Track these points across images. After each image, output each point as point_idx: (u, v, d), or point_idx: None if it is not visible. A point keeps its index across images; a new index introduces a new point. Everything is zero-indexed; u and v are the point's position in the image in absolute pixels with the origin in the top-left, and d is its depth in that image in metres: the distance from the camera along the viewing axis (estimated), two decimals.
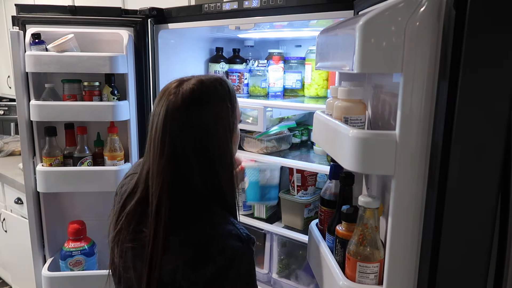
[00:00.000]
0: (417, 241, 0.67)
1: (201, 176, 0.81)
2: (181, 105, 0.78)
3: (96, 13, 1.53)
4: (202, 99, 0.80)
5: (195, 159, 0.80)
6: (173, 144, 0.78)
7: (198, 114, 0.79)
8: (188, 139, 0.79)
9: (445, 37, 0.59)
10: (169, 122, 0.78)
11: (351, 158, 0.68)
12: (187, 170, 0.80)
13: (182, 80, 0.83)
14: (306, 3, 1.17)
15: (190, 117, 0.79)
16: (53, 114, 1.47)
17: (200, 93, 0.80)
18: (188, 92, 0.79)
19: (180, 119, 0.78)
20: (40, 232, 1.62)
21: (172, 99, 0.79)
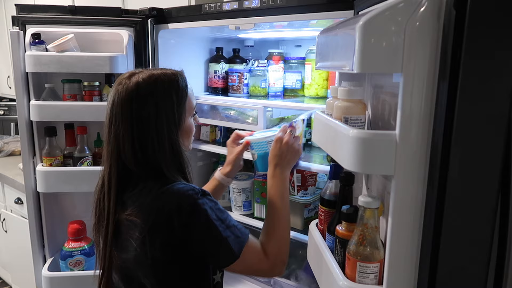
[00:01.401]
0: (417, 241, 0.67)
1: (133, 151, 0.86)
2: (124, 96, 0.85)
3: (96, 13, 1.53)
4: (146, 92, 0.85)
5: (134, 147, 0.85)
6: (117, 133, 0.85)
7: (138, 106, 0.85)
8: (128, 129, 0.85)
9: (445, 37, 0.59)
10: (114, 112, 0.86)
11: (351, 158, 0.68)
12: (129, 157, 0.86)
13: (134, 72, 0.89)
14: (306, 3, 1.17)
15: (132, 108, 0.85)
16: (53, 114, 1.47)
17: (144, 86, 0.85)
18: (133, 85, 0.85)
19: (123, 110, 0.85)
20: (40, 232, 1.62)
21: (119, 90, 0.86)
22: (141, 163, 0.86)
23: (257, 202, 1.58)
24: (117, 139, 0.86)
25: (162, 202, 0.82)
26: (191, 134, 0.96)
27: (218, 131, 1.72)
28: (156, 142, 0.85)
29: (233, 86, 1.67)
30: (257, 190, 1.57)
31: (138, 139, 0.85)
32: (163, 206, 0.81)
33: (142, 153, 0.86)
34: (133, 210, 0.84)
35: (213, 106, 1.63)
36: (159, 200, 0.82)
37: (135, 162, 0.86)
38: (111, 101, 0.87)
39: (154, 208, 0.82)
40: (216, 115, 1.56)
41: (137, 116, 0.84)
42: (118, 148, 0.86)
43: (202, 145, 1.68)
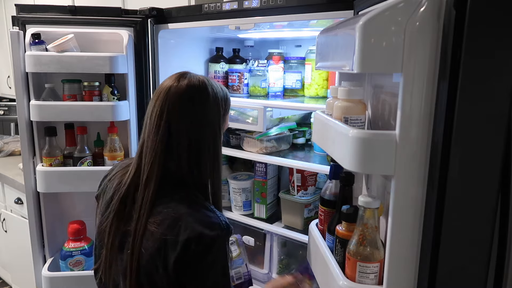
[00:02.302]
0: (417, 241, 0.67)
1: (189, 165, 0.86)
2: (184, 91, 0.84)
3: (96, 13, 1.53)
4: (208, 92, 0.86)
5: (187, 146, 0.85)
6: (169, 126, 0.84)
7: (200, 103, 0.85)
8: (186, 123, 0.84)
9: (445, 37, 0.59)
10: (168, 104, 0.83)
11: (351, 158, 0.68)
12: (177, 156, 0.85)
13: (187, 73, 0.89)
14: (306, 3, 1.17)
15: (191, 105, 0.85)
16: (53, 114, 1.47)
17: (205, 87, 0.87)
18: (195, 82, 0.86)
19: (180, 104, 0.84)
20: (40, 232, 1.62)
21: (175, 84, 0.85)
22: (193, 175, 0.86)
23: (257, 202, 1.58)
24: (169, 132, 0.84)
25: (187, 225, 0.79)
26: None
27: None
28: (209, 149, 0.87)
29: (233, 86, 1.67)
30: (257, 190, 1.57)
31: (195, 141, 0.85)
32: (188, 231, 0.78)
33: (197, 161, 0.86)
34: (156, 219, 0.81)
35: None
36: (176, 221, 0.80)
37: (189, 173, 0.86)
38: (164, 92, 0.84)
39: (176, 226, 0.79)
40: None
41: (195, 114, 0.85)
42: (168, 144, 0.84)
43: None
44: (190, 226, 0.78)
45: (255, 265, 1.62)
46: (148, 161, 0.84)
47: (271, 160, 1.44)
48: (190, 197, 0.85)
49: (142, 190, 0.83)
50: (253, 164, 1.61)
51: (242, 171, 1.74)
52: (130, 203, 0.85)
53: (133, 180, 0.86)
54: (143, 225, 0.81)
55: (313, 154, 1.53)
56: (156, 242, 0.80)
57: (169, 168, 0.86)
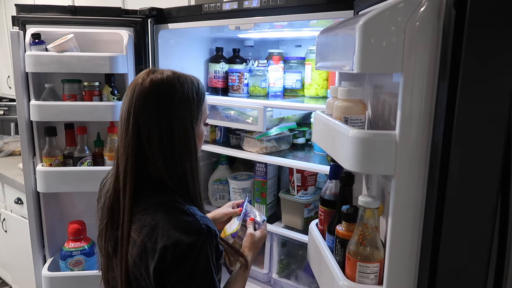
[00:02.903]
0: (417, 241, 0.67)
1: (164, 164, 0.84)
2: (147, 88, 0.83)
3: (96, 13, 1.53)
4: (169, 86, 0.84)
5: (158, 145, 0.83)
6: (138, 125, 0.82)
7: (164, 97, 0.83)
8: (153, 122, 0.82)
9: (445, 37, 0.59)
10: (135, 102, 0.82)
11: (351, 158, 0.68)
12: (150, 155, 0.83)
13: (155, 69, 0.87)
14: (306, 3, 1.17)
15: (156, 99, 0.83)
16: (53, 114, 1.47)
17: (169, 81, 0.84)
18: (158, 79, 0.84)
19: (145, 103, 0.82)
20: (40, 232, 1.62)
21: (140, 82, 0.84)
22: (170, 174, 0.84)
23: (257, 202, 1.58)
24: (138, 131, 0.82)
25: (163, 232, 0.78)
26: (201, 142, 0.94)
27: (218, 131, 1.72)
28: (182, 144, 0.84)
29: (233, 86, 1.67)
30: (257, 190, 1.57)
31: (166, 137, 0.83)
32: (164, 237, 0.77)
33: (172, 159, 0.84)
34: (137, 226, 0.81)
35: (213, 106, 1.63)
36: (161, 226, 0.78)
37: (166, 172, 0.84)
38: (130, 93, 0.84)
39: (153, 234, 0.78)
40: (216, 115, 1.56)
41: (161, 109, 0.83)
42: (139, 143, 0.83)
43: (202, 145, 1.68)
44: (167, 233, 0.76)
45: (255, 265, 1.62)
46: (122, 168, 0.83)
47: (271, 160, 1.44)
48: (169, 202, 0.83)
49: (121, 197, 0.83)
50: (253, 164, 1.61)
51: (242, 171, 1.74)
52: (117, 210, 0.84)
53: (115, 188, 0.85)
54: (127, 232, 0.80)
55: (313, 154, 1.53)
56: (138, 249, 0.79)
57: (148, 171, 0.85)
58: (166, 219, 0.79)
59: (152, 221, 0.79)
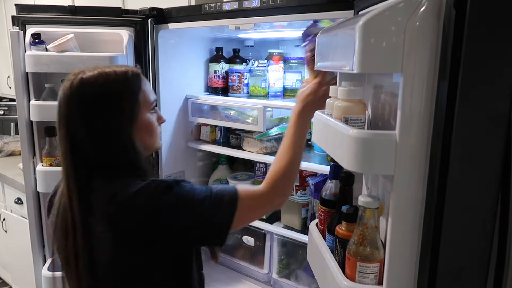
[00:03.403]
0: (417, 241, 0.67)
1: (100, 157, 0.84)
2: (69, 93, 0.83)
3: (96, 13, 1.53)
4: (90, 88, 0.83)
5: (90, 142, 0.83)
6: (67, 130, 0.83)
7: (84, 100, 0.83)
8: (81, 128, 0.82)
9: (445, 37, 0.59)
10: (62, 109, 0.83)
11: (351, 158, 0.68)
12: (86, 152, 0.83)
13: (82, 70, 0.86)
14: (306, 3, 1.17)
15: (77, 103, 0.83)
16: (53, 114, 1.43)
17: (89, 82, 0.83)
18: (78, 81, 0.83)
19: (69, 106, 0.83)
20: (40, 232, 1.62)
21: (67, 86, 0.84)
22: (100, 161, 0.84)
23: None
24: (70, 138, 0.82)
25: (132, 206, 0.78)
26: (152, 131, 0.91)
27: (218, 131, 1.72)
28: (114, 136, 0.83)
29: (233, 86, 1.67)
30: None
31: (91, 135, 0.83)
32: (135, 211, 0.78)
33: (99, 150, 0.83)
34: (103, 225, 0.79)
35: (213, 106, 1.63)
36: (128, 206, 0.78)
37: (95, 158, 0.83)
38: (58, 99, 0.85)
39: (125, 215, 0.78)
40: (216, 115, 1.56)
41: (85, 112, 0.82)
42: (72, 148, 0.82)
43: (202, 145, 1.69)
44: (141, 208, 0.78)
45: (255, 265, 1.62)
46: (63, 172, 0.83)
47: (271, 160, 1.44)
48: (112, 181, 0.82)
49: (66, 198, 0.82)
50: (253, 164, 1.61)
51: (242, 171, 1.74)
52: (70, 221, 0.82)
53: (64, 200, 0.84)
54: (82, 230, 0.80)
55: (313, 154, 1.53)
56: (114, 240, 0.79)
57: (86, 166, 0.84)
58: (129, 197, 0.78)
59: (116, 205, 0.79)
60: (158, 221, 0.78)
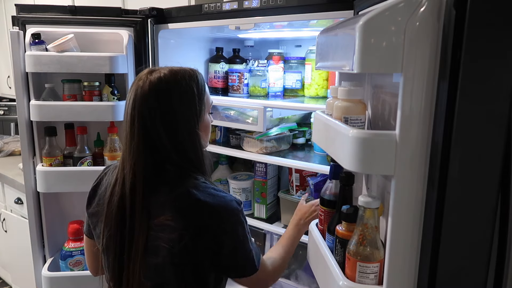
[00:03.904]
0: (417, 241, 0.67)
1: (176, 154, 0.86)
2: (147, 90, 0.85)
3: (96, 13, 1.53)
4: (168, 84, 0.86)
5: (166, 137, 0.85)
6: (144, 126, 0.84)
7: (163, 98, 0.85)
8: (157, 120, 0.84)
9: (445, 37, 0.59)
10: (137, 106, 0.85)
11: (351, 158, 0.68)
12: (162, 148, 0.85)
13: (154, 69, 0.89)
14: (306, 3, 1.17)
15: (157, 99, 0.85)
16: (53, 114, 1.47)
17: (167, 79, 0.86)
18: (156, 79, 0.86)
19: (147, 102, 0.84)
20: (40, 232, 1.63)
21: (140, 85, 0.86)
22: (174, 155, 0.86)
23: (257, 202, 1.58)
24: (145, 132, 0.84)
25: (207, 209, 0.83)
26: (209, 131, 0.97)
27: (218, 131, 1.72)
28: (186, 133, 0.87)
29: (233, 86, 1.67)
30: (257, 190, 1.57)
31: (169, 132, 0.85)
32: (209, 214, 0.83)
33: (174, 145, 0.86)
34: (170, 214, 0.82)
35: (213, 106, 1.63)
36: (203, 206, 0.83)
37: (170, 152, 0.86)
38: (132, 96, 0.86)
39: (197, 213, 0.82)
40: (216, 115, 1.56)
41: (164, 108, 0.85)
42: (145, 143, 0.85)
43: None
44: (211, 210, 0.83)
45: None
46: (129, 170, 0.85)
47: (271, 160, 1.44)
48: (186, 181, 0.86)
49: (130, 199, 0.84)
50: (253, 164, 1.61)
51: (242, 171, 1.74)
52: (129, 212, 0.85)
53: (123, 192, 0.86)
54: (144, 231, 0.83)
55: (313, 154, 1.53)
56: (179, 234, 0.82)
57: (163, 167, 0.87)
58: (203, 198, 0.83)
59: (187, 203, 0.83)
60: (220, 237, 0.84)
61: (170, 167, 0.87)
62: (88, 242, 1.05)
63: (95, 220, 0.95)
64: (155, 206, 0.84)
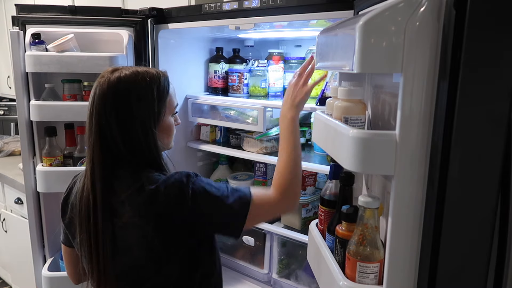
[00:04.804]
0: (417, 241, 0.67)
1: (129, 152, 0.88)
2: (105, 88, 0.86)
3: (96, 13, 1.53)
4: (127, 85, 0.87)
5: (119, 136, 0.87)
6: (99, 123, 0.87)
7: (120, 96, 0.87)
8: (112, 118, 0.86)
9: (445, 37, 0.59)
10: (95, 103, 0.87)
11: (351, 158, 0.68)
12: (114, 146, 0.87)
13: (117, 68, 0.90)
14: (306, 3, 1.17)
15: (114, 98, 0.86)
16: (53, 114, 1.47)
17: (126, 79, 0.87)
18: (116, 78, 0.87)
19: (104, 101, 0.86)
20: (40, 232, 1.62)
21: (101, 82, 0.88)
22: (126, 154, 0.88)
23: None
24: (100, 130, 0.87)
25: (162, 194, 0.83)
26: (170, 133, 0.97)
27: (218, 131, 1.72)
28: (140, 133, 0.87)
29: (233, 86, 1.67)
30: None
31: (122, 131, 0.87)
32: (165, 198, 0.83)
33: (127, 144, 0.87)
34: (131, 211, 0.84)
35: (213, 106, 1.63)
36: (159, 194, 0.83)
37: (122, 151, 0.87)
38: (92, 93, 0.89)
39: (154, 202, 0.83)
40: (216, 115, 1.56)
41: (120, 108, 0.86)
42: (101, 140, 0.87)
43: (202, 145, 1.69)
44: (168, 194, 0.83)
45: (255, 265, 1.62)
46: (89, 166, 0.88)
47: (271, 160, 1.44)
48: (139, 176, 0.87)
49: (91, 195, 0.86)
50: (253, 164, 1.61)
51: (242, 171, 1.74)
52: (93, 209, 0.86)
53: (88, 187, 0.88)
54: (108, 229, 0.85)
55: (313, 154, 1.53)
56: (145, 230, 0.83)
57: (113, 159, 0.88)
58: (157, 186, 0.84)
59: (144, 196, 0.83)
60: (187, 206, 0.83)
61: (125, 165, 0.88)
62: (66, 251, 1.06)
63: (72, 230, 0.96)
64: (117, 205, 0.85)
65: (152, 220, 0.83)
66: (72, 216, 0.94)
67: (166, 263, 0.86)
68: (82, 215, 0.87)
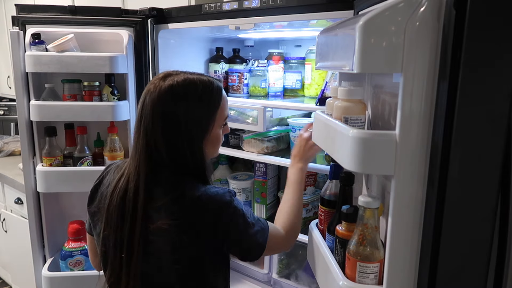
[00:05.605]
0: (417, 241, 0.67)
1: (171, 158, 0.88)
2: (156, 98, 0.85)
3: (96, 13, 1.53)
4: (178, 94, 0.86)
5: (164, 144, 0.86)
6: (146, 133, 0.86)
7: (169, 107, 0.85)
8: (158, 126, 0.85)
9: (445, 37, 0.59)
10: (145, 110, 0.86)
11: (351, 158, 0.68)
12: (157, 154, 0.87)
13: (169, 73, 0.89)
14: (306, 3, 1.17)
15: (163, 108, 0.85)
16: (53, 114, 1.47)
17: (177, 88, 0.86)
18: (166, 87, 0.85)
19: (154, 109, 0.85)
20: (40, 232, 1.63)
21: (151, 90, 0.86)
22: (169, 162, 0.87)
23: (257, 202, 1.58)
24: (147, 137, 0.86)
25: (201, 206, 0.83)
26: (217, 144, 0.96)
27: None
28: (186, 145, 0.87)
29: (233, 86, 1.67)
30: (257, 190, 1.57)
31: (169, 139, 0.86)
32: (203, 211, 0.83)
33: (172, 154, 0.87)
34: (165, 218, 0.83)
35: None
36: (198, 205, 0.83)
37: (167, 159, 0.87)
38: (142, 100, 0.88)
39: (192, 213, 0.83)
40: None
41: (167, 117, 0.85)
42: (147, 146, 0.86)
43: None
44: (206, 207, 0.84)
45: (255, 265, 1.62)
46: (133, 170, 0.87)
47: (271, 160, 1.44)
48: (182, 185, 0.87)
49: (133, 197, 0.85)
50: (253, 164, 1.61)
51: (242, 171, 1.74)
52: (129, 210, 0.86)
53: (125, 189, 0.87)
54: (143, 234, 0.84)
55: None
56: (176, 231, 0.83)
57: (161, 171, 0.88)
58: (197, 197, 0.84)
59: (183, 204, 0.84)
60: (221, 223, 0.84)
61: (167, 171, 0.88)
62: (91, 239, 1.05)
63: (96, 219, 0.95)
64: (153, 211, 0.85)
65: (185, 229, 0.83)
66: (99, 207, 0.94)
67: (188, 278, 0.87)
68: (112, 213, 0.87)
